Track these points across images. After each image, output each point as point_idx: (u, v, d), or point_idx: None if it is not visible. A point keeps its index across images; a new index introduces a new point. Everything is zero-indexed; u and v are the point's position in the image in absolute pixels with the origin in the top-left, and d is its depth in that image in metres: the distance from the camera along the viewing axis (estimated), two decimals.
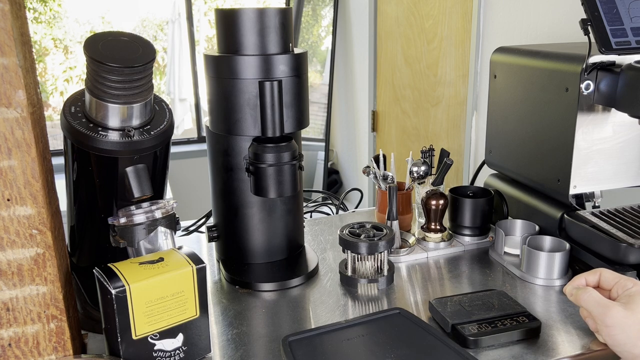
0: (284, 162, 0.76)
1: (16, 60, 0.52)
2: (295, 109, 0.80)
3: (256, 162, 0.75)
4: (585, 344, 0.68)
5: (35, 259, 0.57)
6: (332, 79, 3.08)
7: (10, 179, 0.55)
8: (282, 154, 0.74)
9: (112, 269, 0.61)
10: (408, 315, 0.70)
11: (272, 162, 0.74)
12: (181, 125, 4.31)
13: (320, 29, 3.34)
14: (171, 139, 0.72)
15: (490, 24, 1.74)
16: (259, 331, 0.74)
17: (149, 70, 0.65)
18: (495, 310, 0.72)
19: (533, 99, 0.94)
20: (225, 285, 0.86)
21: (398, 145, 2.52)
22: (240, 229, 0.87)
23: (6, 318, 0.58)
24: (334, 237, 1.03)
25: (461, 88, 1.99)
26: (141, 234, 0.67)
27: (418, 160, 0.99)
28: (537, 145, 0.94)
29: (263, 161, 0.74)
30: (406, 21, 2.32)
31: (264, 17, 0.76)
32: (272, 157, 0.74)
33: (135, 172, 0.69)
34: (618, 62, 0.81)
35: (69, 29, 4.92)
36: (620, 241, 0.78)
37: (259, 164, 0.74)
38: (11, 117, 0.53)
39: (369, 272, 0.84)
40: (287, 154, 0.75)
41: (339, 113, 3.24)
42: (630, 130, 0.87)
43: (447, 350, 0.63)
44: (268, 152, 0.74)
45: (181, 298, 0.62)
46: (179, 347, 0.64)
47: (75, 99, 0.68)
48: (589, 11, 0.76)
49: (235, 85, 0.77)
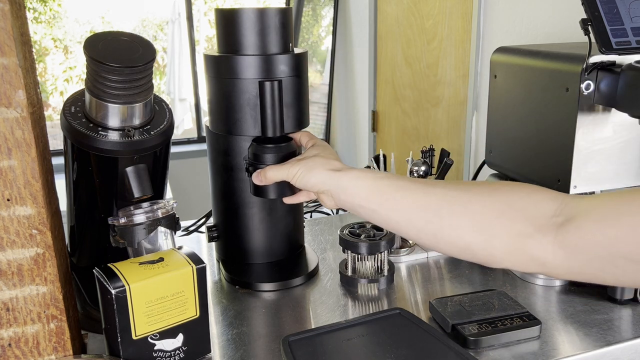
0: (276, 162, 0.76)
1: (16, 60, 0.52)
2: (295, 109, 0.80)
3: (256, 163, 0.75)
4: (585, 344, 0.68)
5: (35, 259, 0.57)
6: (332, 79, 3.08)
7: (10, 179, 0.55)
8: (281, 154, 0.74)
9: (112, 269, 0.60)
10: (408, 315, 0.70)
11: (271, 163, 0.74)
12: (181, 125, 4.31)
13: (320, 29, 3.34)
14: (171, 139, 0.72)
15: (490, 24, 1.74)
16: (259, 331, 0.74)
17: (149, 70, 0.65)
18: (495, 311, 0.71)
19: (533, 99, 0.94)
20: (225, 285, 0.86)
21: (398, 145, 2.52)
22: (240, 229, 0.87)
23: (6, 318, 0.58)
24: (334, 237, 1.03)
25: (461, 88, 1.99)
26: (141, 234, 0.67)
27: (418, 160, 0.99)
28: (537, 145, 0.94)
29: (262, 162, 0.74)
30: (406, 21, 2.32)
31: (264, 17, 0.76)
32: (271, 158, 0.74)
33: (135, 172, 0.69)
34: (618, 62, 0.81)
35: (69, 29, 4.92)
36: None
37: (259, 164, 0.74)
38: (11, 117, 0.53)
39: (369, 272, 0.84)
40: (287, 154, 0.75)
41: (339, 113, 3.24)
42: (631, 131, 0.87)
43: (447, 350, 0.63)
44: (267, 153, 0.74)
45: (181, 298, 0.62)
46: (179, 347, 0.64)
47: (75, 99, 0.68)
48: (589, 11, 0.76)
49: (235, 85, 0.77)
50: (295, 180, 0.68)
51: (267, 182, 0.72)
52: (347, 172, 0.64)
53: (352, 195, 0.63)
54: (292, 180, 0.68)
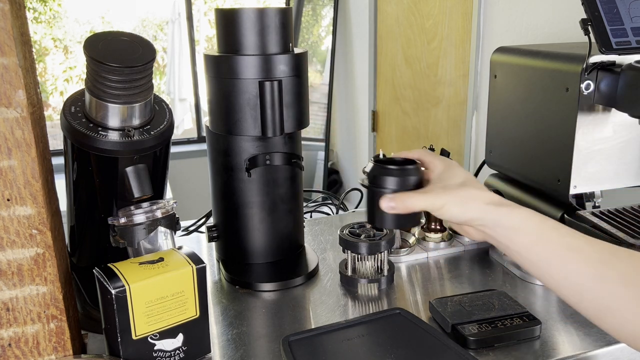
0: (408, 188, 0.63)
1: (16, 60, 0.52)
2: (295, 109, 0.80)
3: (382, 188, 0.63)
4: (585, 344, 0.68)
5: (35, 259, 0.57)
6: (332, 79, 3.08)
7: (10, 179, 0.55)
8: (417, 179, 0.63)
9: (112, 269, 0.60)
10: (408, 315, 0.70)
11: (402, 189, 0.63)
12: (181, 125, 4.31)
13: (320, 29, 3.34)
14: (171, 139, 0.72)
15: (490, 24, 1.74)
16: (259, 331, 0.74)
17: (149, 70, 0.65)
18: (495, 311, 0.71)
19: (533, 99, 0.94)
20: (225, 285, 0.86)
21: (398, 145, 2.51)
22: (240, 229, 0.87)
23: (6, 318, 0.58)
24: (334, 237, 1.03)
25: (461, 88, 1.99)
26: (141, 234, 0.67)
27: None
28: (537, 145, 0.94)
29: (393, 187, 0.62)
30: (406, 21, 2.32)
31: (264, 17, 0.76)
32: (406, 182, 0.62)
33: (135, 172, 0.69)
34: (618, 62, 0.81)
35: (69, 29, 4.92)
36: (620, 241, 0.78)
37: (384, 189, 0.62)
38: (11, 117, 0.53)
39: (369, 272, 0.84)
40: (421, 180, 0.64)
41: (339, 113, 3.24)
42: (631, 130, 0.87)
43: (447, 350, 0.63)
44: (403, 176, 0.63)
45: (181, 298, 0.62)
46: (179, 347, 0.64)
47: (75, 99, 0.68)
48: (589, 11, 0.76)
49: (235, 85, 0.77)
50: (442, 212, 0.59)
51: (403, 211, 0.61)
52: (512, 209, 0.57)
53: (510, 237, 0.57)
54: (435, 211, 0.59)
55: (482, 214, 0.57)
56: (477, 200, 0.58)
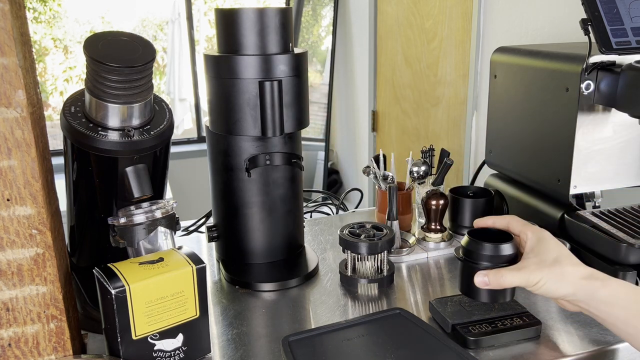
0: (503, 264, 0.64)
1: (16, 60, 0.52)
2: (295, 109, 0.80)
3: (477, 263, 0.64)
4: (585, 344, 0.68)
5: (35, 259, 0.57)
6: (332, 79, 3.08)
7: (10, 179, 0.55)
8: (513, 255, 0.64)
9: (112, 269, 0.60)
10: (408, 315, 0.70)
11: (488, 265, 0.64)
12: (181, 125, 4.31)
13: (320, 29, 3.34)
14: (171, 139, 0.72)
15: (490, 24, 1.74)
16: (259, 331, 0.74)
17: (149, 70, 0.65)
18: (495, 311, 0.71)
19: (533, 99, 0.94)
20: (225, 285, 0.86)
21: (398, 145, 2.51)
22: (240, 229, 0.87)
23: (6, 318, 0.58)
24: (334, 237, 1.03)
25: (461, 88, 1.99)
26: (141, 234, 0.67)
27: (418, 160, 0.99)
28: (537, 145, 0.94)
29: (488, 262, 0.64)
30: (406, 21, 2.32)
31: (264, 17, 0.76)
32: (502, 259, 0.64)
33: (135, 172, 0.69)
34: (618, 62, 0.81)
35: (68, 29, 4.92)
36: (620, 241, 0.78)
37: (480, 264, 0.64)
38: (11, 117, 0.53)
39: (369, 272, 0.84)
40: (517, 254, 0.65)
41: (339, 113, 3.24)
42: (631, 130, 0.87)
43: (447, 350, 0.63)
44: (499, 254, 0.64)
45: (181, 298, 0.62)
46: (179, 347, 0.64)
47: (75, 99, 0.68)
48: (589, 11, 0.76)
49: (235, 85, 0.77)
50: (536, 288, 0.61)
51: (497, 287, 0.62)
52: (604, 282, 0.59)
53: (606, 311, 0.59)
54: (531, 287, 0.61)
55: (576, 289, 0.59)
56: (571, 276, 0.60)
